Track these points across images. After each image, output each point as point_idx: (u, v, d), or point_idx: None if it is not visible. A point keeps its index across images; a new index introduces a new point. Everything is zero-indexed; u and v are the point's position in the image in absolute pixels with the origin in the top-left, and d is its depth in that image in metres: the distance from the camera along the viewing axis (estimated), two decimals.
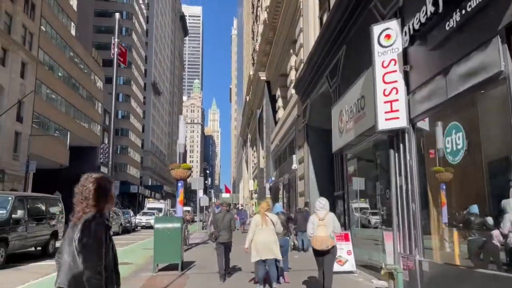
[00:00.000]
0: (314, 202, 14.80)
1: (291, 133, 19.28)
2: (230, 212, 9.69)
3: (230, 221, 8.56)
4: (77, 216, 2.50)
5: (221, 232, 8.37)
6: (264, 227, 6.99)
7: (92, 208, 2.51)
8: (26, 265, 10.56)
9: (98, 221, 2.43)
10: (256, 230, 7.05)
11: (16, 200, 10.56)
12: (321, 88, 13.46)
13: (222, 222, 8.46)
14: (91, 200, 2.53)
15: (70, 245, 2.41)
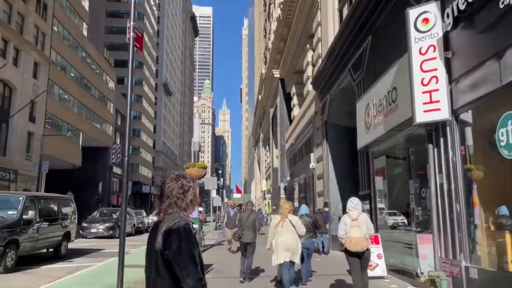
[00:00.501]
0: (334, 202, 14.26)
1: (307, 131, 18.66)
2: (254, 212, 9.48)
3: (255, 221, 8.34)
4: (159, 217, 2.32)
5: (244, 232, 8.21)
6: (282, 228, 6.80)
7: (176, 209, 2.29)
8: (37, 268, 10.15)
9: (187, 222, 2.22)
10: (276, 232, 6.88)
11: (27, 200, 10.16)
12: (342, 82, 12.84)
13: (246, 221, 8.29)
14: (175, 199, 2.31)
15: (153, 251, 2.20)
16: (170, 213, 2.26)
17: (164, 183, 2.37)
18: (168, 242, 2.12)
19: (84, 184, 43.36)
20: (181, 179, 2.37)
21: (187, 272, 2.08)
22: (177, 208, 2.28)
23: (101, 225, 20.26)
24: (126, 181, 5.28)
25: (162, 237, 2.15)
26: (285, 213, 6.98)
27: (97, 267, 10.60)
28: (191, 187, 2.38)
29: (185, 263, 2.09)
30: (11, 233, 9.21)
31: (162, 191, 2.35)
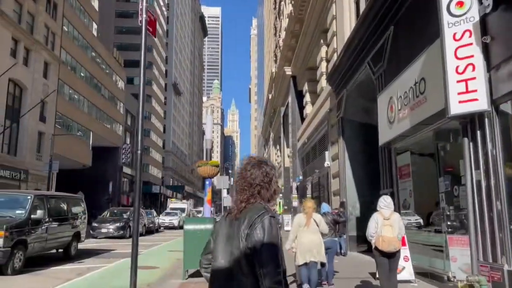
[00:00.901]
0: (351, 202, 13.74)
1: (321, 129, 18.17)
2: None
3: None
4: (239, 208, 2.04)
5: None
6: (307, 228, 6.61)
7: (259, 199, 2.05)
8: (46, 269, 9.81)
9: (273, 215, 1.98)
10: (298, 231, 6.67)
11: (35, 199, 9.83)
12: (360, 77, 12.34)
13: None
14: (258, 188, 2.07)
15: (234, 246, 1.96)
16: (252, 203, 2.01)
17: (245, 169, 2.10)
18: (251, 235, 1.89)
19: (94, 184, 43.33)
20: (264, 166, 2.11)
21: (266, 271, 1.84)
22: (260, 199, 2.04)
23: (112, 225, 19.98)
24: (139, 177, 4.88)
25: (245, 230, 1.92)
26: (310, 212, 6.77)
27: (107, 268, 10.25)
28: (274, 176, 2.13)
29: (265, 261, 1.86)
30: (19, 233, 8.89)
31: (243, 178, 2.08)
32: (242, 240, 1.92)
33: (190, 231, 8.33)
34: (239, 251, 1.93)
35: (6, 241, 8.40)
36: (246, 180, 2.08)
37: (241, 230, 1.94)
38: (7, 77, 26.92)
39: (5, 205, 9.71)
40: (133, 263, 4.76)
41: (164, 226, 30.46)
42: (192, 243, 8.25)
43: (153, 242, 18.38)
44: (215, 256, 2.04)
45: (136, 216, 4.70)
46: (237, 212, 2.03)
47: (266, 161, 2.17)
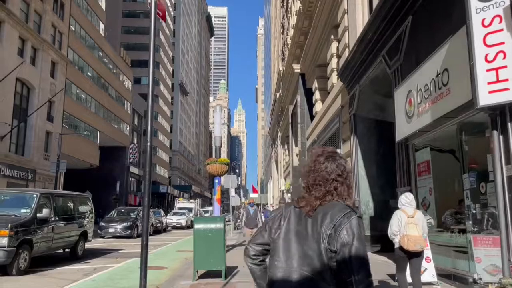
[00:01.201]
0: (364, 201, 13.35)
1: (332, 126, 17.76)
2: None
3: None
4: (313, 205, 1.77)
5: None
6: None
7: (336, 197, 1.81)
8: (52, 269, 9.56)
9: (360, 215, 1.78)
10: None
11: (41, 198, 9.57)
12: (374, 71, 11.94)
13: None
14: (335, 184, 1.82)
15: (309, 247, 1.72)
16: (328, 201, 1.77)
17: (317, 162, 1.84)
18: (335, 237, 1.66)
19: (101, 183, 43.29)
20: (339, 159, 1.90)
21: (358, 278, 1.61)
22: (337, 197, 1.81)
23: (119, 225, 19.77)
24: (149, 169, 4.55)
25: (327, 230, 1.67)
26: None
27: (115, 269, 9.97)
28: (350, 171, 1.94)
29: (357, 267, 1.63)
30: (24, 232, 8.63)
31: (316, 172, 1.82)
32: (323, 241, 1.66)
33: (200, 231, 8.01)
34: (316, 254, 1.68)
35: (11, 241, 8.15)
36: (320, 174, 1.82)
37: (322, 230, 1.68)
38: (14, 77, 26.89)
39: (10, 204, 9.48)
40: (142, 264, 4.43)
41: (172, 226, 30.26)
42: (203, 243, 7.94)
43: (161, 242, 18.12)
44: (281, 255, 1.77)
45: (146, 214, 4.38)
46: (310, 210, 1.78)
47: (337, 152, 1.95)
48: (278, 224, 1.88)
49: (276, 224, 1.89)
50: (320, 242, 1.70)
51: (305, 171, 1.90)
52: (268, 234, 1.90)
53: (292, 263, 1.74)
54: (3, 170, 25.88)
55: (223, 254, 8.02)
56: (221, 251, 7.99)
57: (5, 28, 26.35)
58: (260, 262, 1.92)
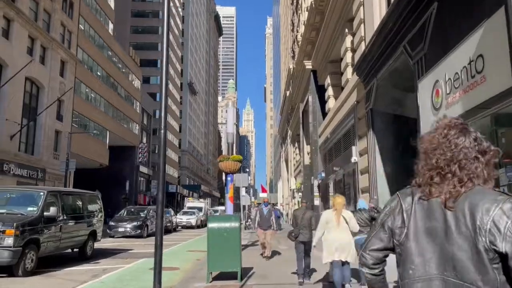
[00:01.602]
0: (383, 200, 12.80)
1: (347, 123, 17.24)
2: (310, 210, 9.13)
3: (311, 218, 7.82)
4: (455, 194, 1.37)
5: (301, 231, 7.69)
6: (336, 225, 6.28)
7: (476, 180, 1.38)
8: (59, 270, 9.20)
9: None
10: (326, 228, 6.36)
11: (48, 196, 9.21)
12: (393, 64, 11.40)
13: (302, 219, 7.76)
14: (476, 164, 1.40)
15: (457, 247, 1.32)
16: (470, 187, 1.38)
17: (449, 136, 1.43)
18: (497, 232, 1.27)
19: (111, 183, 43.18)
20: (472, 132, 1.46)
21: None
22: (476, 180, 1.39)
23: (129, 224, 19.46)
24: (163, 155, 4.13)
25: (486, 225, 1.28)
26: (340, 208, 6.41)
27: (125, 269, 9.59)
28: (489, 146, 1.45)
29: None
30: (31, 231, 8.26)
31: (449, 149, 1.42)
32: (482, 238, 1.28)
33: (215, 230, 7.58)
34: (469, 256, 1.30)
35: (17, 240, 7.79)
36: (454, 152, 1.41)
37: (477, 224, 1.29)
38: (24, 76, 26.78)
39: (17, 202, 9.14)
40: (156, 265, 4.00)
41: (182, 225, 29.93)
42: (217, 242, 7.51)
43: (171, 242, 17.74)
44: (416, 261, 1.39)
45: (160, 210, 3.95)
46: (451, 199, 1.36)
47: (467, 124, 1.50)
48: (401, 222, 1.48)
49: (398, 222, 1.49)
50: (475, 240, 1.29)
51: (430, 147, 1.48)
52: (390, 236, 1.52)
53: (431, 269, 1.37)
54: (13, 169, 25.76)
55: (238, 254, 7.58)
56: (236, 252, 7.55)
57: (14, 27, 26.23)
58: (380, 272, 1.61)
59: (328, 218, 6.36)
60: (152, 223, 20.95)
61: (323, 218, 6.49)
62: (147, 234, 20.11)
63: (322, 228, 6.38)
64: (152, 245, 15.15)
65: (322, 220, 6.44)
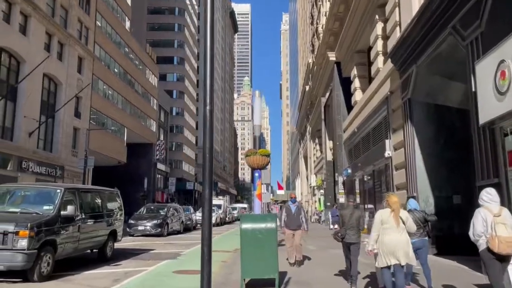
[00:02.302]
0: (423, 197, 11.77)
1: (378, 115, 16.22)
2: (358, 208, 8.51)
3: (359, 218, 7.28)
4: None
5: (348, 231, 7.17)
6: (393, 225, 5.78)
7: None
8: (78, 273, 8.49)
9: None
10: (381, 229, 5.87)
11: (66, 193, 8.51)
12: (437, 48, 10.36)
13: (350, 219, 7.19)
14: None
15: None
16: None
17: None
18: None
19: (129, 180, 42.93)
20: None
21: None
22: None
23: (149, 222, 18.82)
24: (210, 145, 3.30)
25: None
26: (397, 208, 5.86)
27: (147, 273, 8.84)
28: None
29: None
30: (47, 232, 7.56)
31: None
32: None
33: (248, 231, 6.74)
34: None
35: (32, 242, 7.09)
36: None
37: None
38: (41, 72, 26.47)
39: (32, 200, 8.47)
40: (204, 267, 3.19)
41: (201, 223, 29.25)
42: (251, 245, 6.67)
43: (192, 241, 17.02)
44: None
45: (207, 211, 3.12)
46: None
47: None
48: None
49: None
50: None
51: None
52: None
53: None
54: (32, 166, 25.50)
55: (275, 259, 6.72)
56: (273, 256, 6.70)
57: (31, 23, 25.90)
58: None
59: (384, 219, 5.83)
60: (172, 221, 20.29)
61: (377, 218, 5.96)
62: (168, 232, 19.46)
63: (378, 230, 5.90)
64: (174, 244, 14.34)
65: (377, 221, 5.92)
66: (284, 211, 9.99)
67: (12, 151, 23.81)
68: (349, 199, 7.98)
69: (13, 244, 6.94)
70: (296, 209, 9.89)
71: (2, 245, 6.93)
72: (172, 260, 10.98)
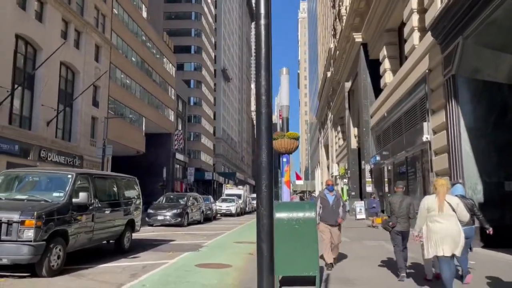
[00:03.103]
0: (470, 183, 10.57)
1: (412, 97, 14.98)
2: (409, 196, 8.11)
3: (409, 206, 6.78)
4: None
5: (399, 219, 6.73)
6: (440, 213, 5.40)
7: None
8: (92, 267, 7.72)
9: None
10: (428, 217, 5.51)
11: (78, 179, 7.72)
12: (491, 14, 9.10)
13: (400, 207, 6.72)
14: None
15: None
16: None
17: None
18: None
19: (148, 171, 42.62)
20: None
21: None
22: None
23: (168, 212, 18.13)
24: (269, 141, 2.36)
25: None
26: (443, 192, 5.45)
27: (168, 267, 8.03)
28: None
29: None
30: (57, 222, 6.78)
31: None
32: None
33: (284, 222, 5.80)
34: None
35: (39, 233, 6.32)
36: None
37: None
38: (58, 60, 25.99)
39: (41, 187, 7.71)
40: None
41: (221, 213, 28.56)
42: (287, 238, 5.74)
43: (214, 231, 16.27)
44: None
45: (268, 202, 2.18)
46: None
47: None
48: None
49: None
50: None
51: None
52: None
53: None
54: (51, 156, 25.17)
55: (315, 253, 5.77)
56: (313, 250, 5.75)
57: (47, 9, 25.37)
58: None
59: (430, 206, 5.46)
60: (192, 211, 19.57)
61: (423, 205, 5.56)
62: (188, 222, 18.76)
63: (423, 218, 5.54)
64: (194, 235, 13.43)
65: (422, 208, 5.56)
66: (319, 202, 7.89)
67: (30, 140, 23.47)
68: (398, 186, 7.19)
69: (18, 235, 6.18)
70: (334, 199, 7.85)
71: (6, 236, 6.18)
72: (194, 252, 10.18)
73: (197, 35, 68.58)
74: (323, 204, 7.85)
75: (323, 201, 7.91)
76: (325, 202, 7.86)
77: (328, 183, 8.38)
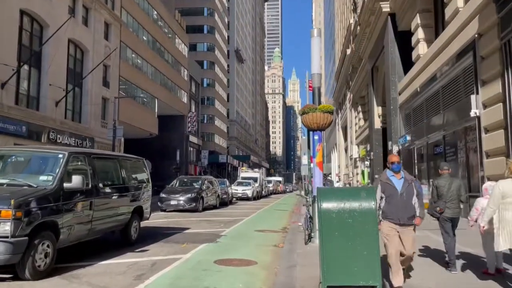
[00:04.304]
0: None
1: (455, 68, 13.23)
2: (457, 178, 7.56)
3: (459, 188, 6.13)
4: None
5: (447, 204, 6.07)
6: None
7: None
8: (91, 265, 6.42)
9: None
10: (502, 204, 4.75)
11: (70, 159, 6.38)
12: None
13: (448, 190, 6.07)
14: None
15: None
16: None
17: None
18: None
19: (161, 153, 41.62)
20: None
21: None
22: None
23: (182, 196, 16.92)
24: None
25: None
26: None
27: (183, 264, 6.73)
28: None
29: None
30: (43, 212, 5.48)
31: None
32: None
33: (332, 214, 4.37)
34: None
35: (19, 226, 5.01)
36: None
37: None
38: (66, 38, 24.71)
39: (26, 169, 6.42)
40: None
41: (237, 197, 27.37)
42: (338, 235, 4.32)
43: (231, 218, 15.00)
44: None
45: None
46: None
47: None
48: None
49: None
50: None
51: None
52: None
53: None
54: (60, 137, 24.12)
55: (376, 257, 4.33)
56: (372, 252, 4.31)
57: None
58: None
59: (506, 191, 4.74)
60: (207, 195, 18.32)
61: (496, 191, 4.85)
62: (203, 207, 17.54)
63: (496, 205, 4.86)
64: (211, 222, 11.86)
65: (496, 194, 4.83)
66: (380, 190, 5.08)
67: (39, 121, 22.42)
68: (443, 168, 6.42)
69: None
70: (405, 185, 5.05)
71: None
72: (212, 243, 8.89)
73: (210, 15, 66.55)
74: (387, 193, 5.03)
75: (386, 188, 5.05)
76: (390, 189, 5.02)
77: (392, 160, 5.19)
